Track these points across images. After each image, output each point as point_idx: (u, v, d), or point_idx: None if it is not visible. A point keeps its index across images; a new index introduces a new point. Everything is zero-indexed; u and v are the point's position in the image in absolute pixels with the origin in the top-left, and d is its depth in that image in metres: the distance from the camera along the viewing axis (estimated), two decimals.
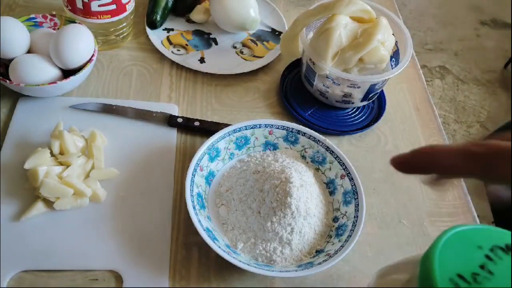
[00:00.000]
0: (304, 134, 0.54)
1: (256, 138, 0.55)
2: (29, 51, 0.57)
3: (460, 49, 2.12)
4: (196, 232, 0.49)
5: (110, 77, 0.62)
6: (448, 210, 0.57)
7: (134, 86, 0.62)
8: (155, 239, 0.48)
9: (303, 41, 0.58)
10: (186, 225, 0.50)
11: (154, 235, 0.48)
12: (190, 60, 0.66)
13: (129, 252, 0.46)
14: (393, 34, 0.58)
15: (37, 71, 0.54)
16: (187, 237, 0.49)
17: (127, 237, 0.47)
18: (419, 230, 0.54)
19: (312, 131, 0.54)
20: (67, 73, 0.56)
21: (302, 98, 0.64)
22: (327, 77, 0.58)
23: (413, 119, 0.66)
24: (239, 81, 0.65)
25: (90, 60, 0.56)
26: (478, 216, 0.57)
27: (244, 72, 0.65)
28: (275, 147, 0.55)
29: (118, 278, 0.45)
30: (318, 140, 0.54)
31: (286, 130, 0.55)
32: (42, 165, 0.48)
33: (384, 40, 0.56)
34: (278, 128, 0.55)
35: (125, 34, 0.66)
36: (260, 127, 0.54)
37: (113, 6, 0.60)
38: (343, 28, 0.55)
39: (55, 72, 0.55)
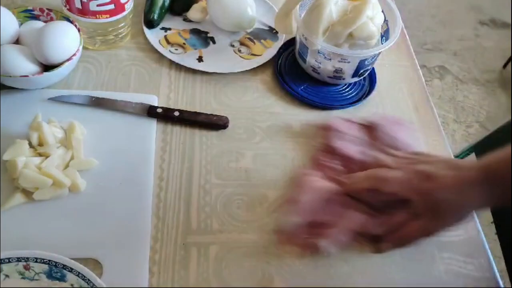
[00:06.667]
0: (71, 270, 0.40)
1: (7, 275, 0.38)
2: (18, 42, 0.56)
3: (459, 49, 2.12)
4: (195, 232, 0.49)
5: (108, 77, 0.62)
6: None
7: (133, 86, 0.62)
8: (135, 227, 0.48)
9: (297, 19, 0.61)
10: (185, 225, 0.50)
11: (134, 223, 0.48)
12: (188, 59, 0.65)
13: (109, 241, 0.47)
14: (383, 12, 0.61)
15: (15, 62, 0.53)
16: (185, 237, 0.49)
17: (107, 226, 0.48)
18: None
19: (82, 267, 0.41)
20: (50, 68, 0.55)
21: (296, 75, 0.67)
22: (318, 52, 0.60)
23: (413, 119, 0.66)
24: (237, 79, 0.65)
25: (70, 58, 0.55)
26: (477, 216, 0.56)
27: (242, 71, 0.65)
28: None
29: (98, 265, 0.45)
30: (88, 280, 0.39)
31: (48, 264, 0.40)
32: (21, 156, 0.48)
33: (373, 16, 0.59)
34: (37, 261, 0.39)
35: (123, 34, 0.65)
36: (10, 261, 0.38)
37: (112, 6, 0.59)
38: (333, 4, 0.59)
39: (34, 66, 0.55)
